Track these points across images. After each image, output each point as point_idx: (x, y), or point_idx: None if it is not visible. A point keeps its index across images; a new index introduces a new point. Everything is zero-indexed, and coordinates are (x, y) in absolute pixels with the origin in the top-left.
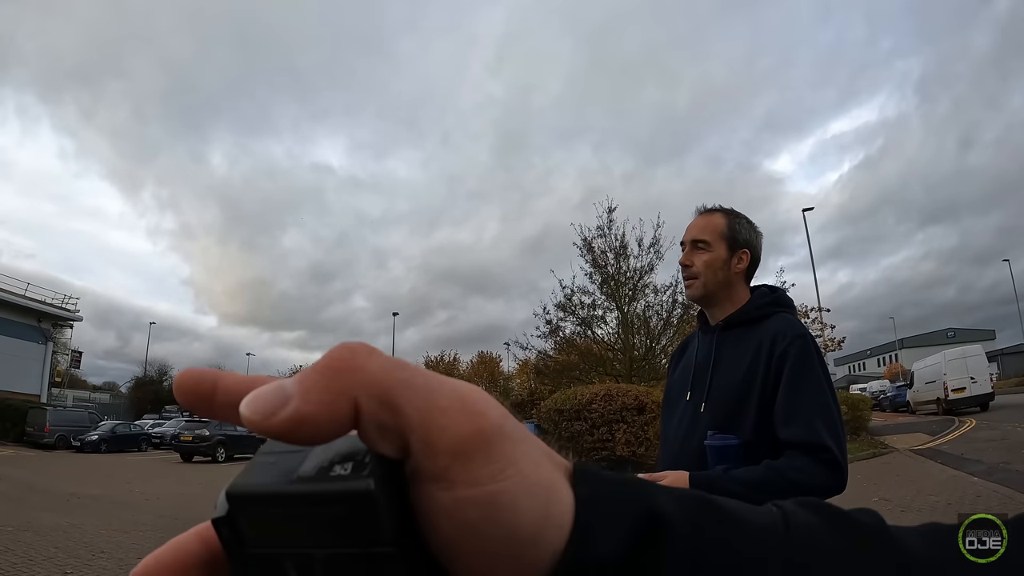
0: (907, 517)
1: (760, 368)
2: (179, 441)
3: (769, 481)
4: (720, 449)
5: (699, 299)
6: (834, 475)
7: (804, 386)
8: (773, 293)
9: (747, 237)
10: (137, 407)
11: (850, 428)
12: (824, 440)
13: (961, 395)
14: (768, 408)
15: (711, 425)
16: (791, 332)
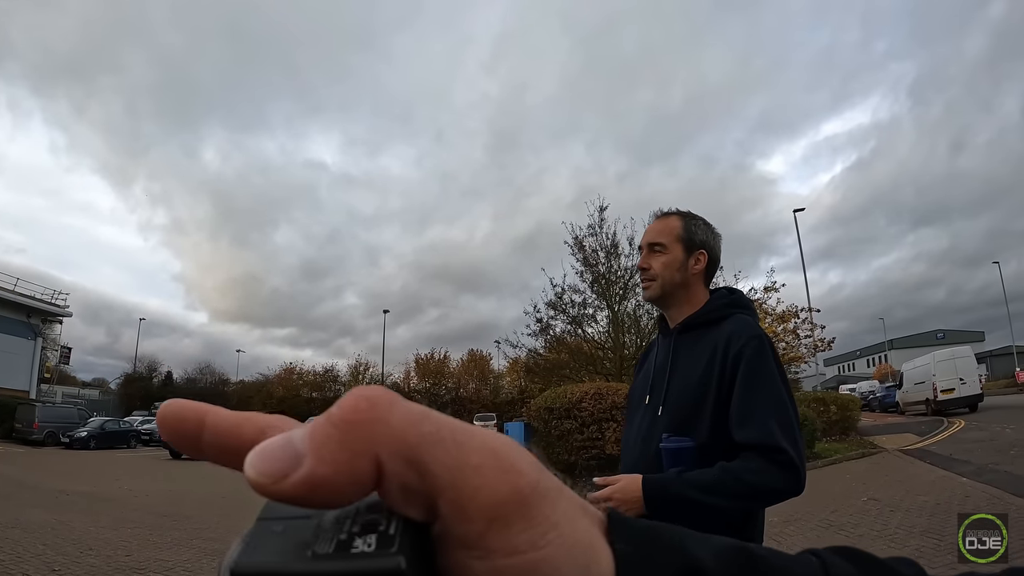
0: (896, 517)
1: (715, 370)
2: None
3: (723, 483)
4: (675, 452)
5: (656, 300)
6: (790, 477)
7: (759, 387)
8: (731, 295)
9: (704, 238)
10: (126, 404)
11: (839, 428)
12: (779, 442)
13: (950, 396)
14: (724, 410)
15: (668, 428)
16: (746, 333)
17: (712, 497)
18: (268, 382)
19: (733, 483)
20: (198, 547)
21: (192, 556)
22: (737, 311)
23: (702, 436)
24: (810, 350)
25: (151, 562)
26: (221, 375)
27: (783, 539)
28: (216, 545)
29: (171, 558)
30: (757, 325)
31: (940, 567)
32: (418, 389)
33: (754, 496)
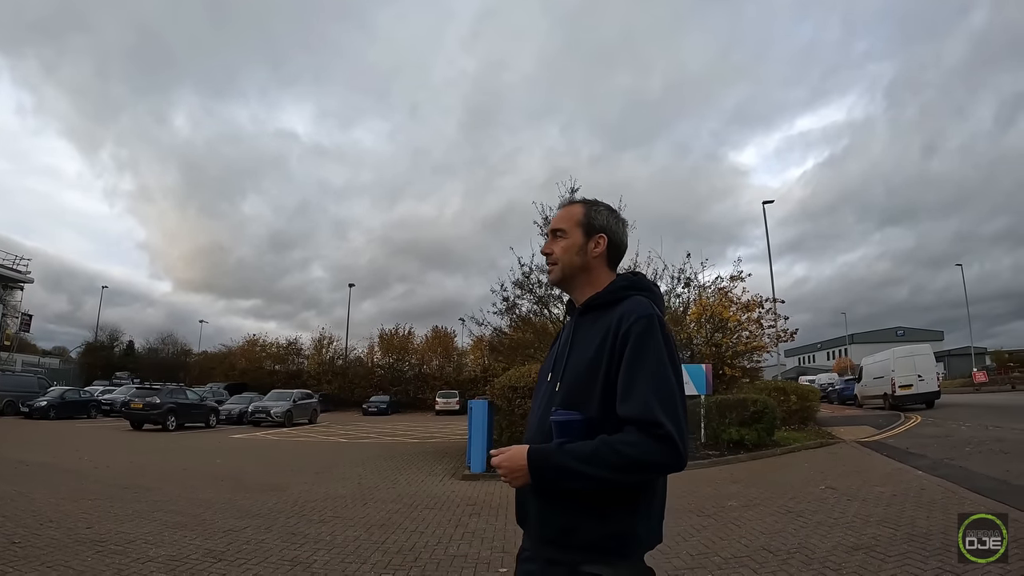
0: (853, 506)
1: (606, 348)
2: (129, 409)
3: (600, 453)
4: (562, 424)
5: (558, 283)
6: (667, 450)
7: (643, 365)
8: (633, 277)
9: (603, 223)
10: (87, 373)
11: (799, 418)
12: (658, 416)
13: (908, 392)
14: (613, 387)
15: (562, 403)
16: (637, 312)
17: (590, 467)
18: (231, 353)
19: (610, 454)
20: (159, 519)
21: (154, 529)
22: (635, 293)
23: (592, 411)
24: (773, 340)
25: (112, 534)
26: (183, 345)
27: (742, 523)
28: (178, 518)
29: (132, 531)
30: (651, 306)
31: (895, 556)
32: (381, 364)
33: (631, 468)
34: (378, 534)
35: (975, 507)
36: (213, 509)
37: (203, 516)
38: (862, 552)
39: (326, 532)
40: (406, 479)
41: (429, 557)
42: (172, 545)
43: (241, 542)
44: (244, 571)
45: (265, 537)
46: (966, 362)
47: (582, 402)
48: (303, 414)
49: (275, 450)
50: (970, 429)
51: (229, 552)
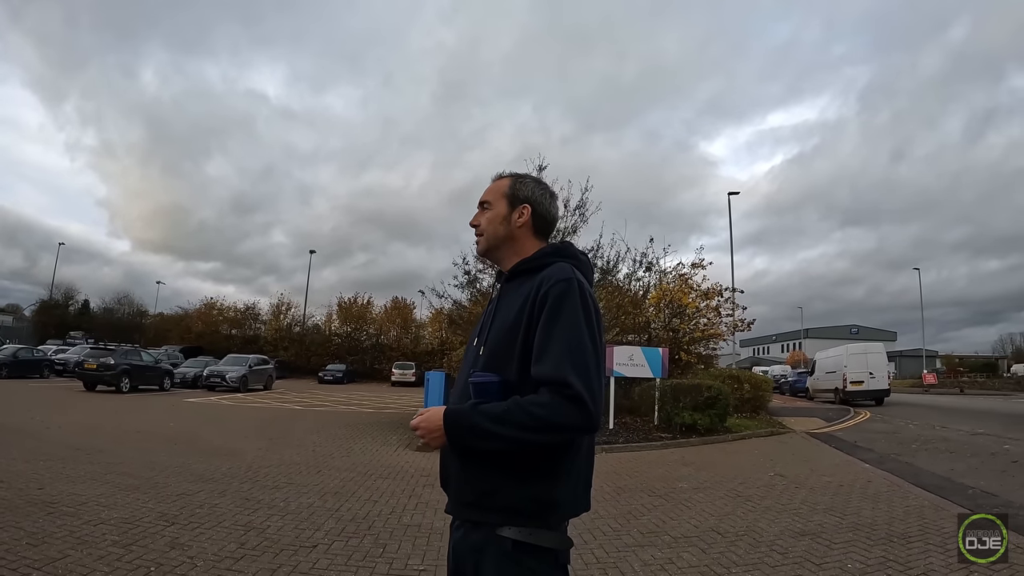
0: (800, 493)
1: (526, 311)
2: (83, 369)
3: (511, 413)
4: (480, 385)
5: (484, 253)
6: (577, 411)
7: (558, 327)
8: (560, 246)
9: (528, 194)
10: (41, 332)
11: (751, 406)
12: (567, 377)
13: (859, 388)
14: (531, 349)
15: (484, 366)
16: (556, 276)
17: (502, 427)
18: (187, 316)
19: (520, 413)
20: (112, 482)
21: (106, 491)
22: (559, 259)
23: (511, 374)
24: (730, 328)
25: (64, 495)
26: (140, 306)
27: (692, 505)
28: (131, 480)
29: (85, 492)
30: (572, 270)
31: (841, 544)
32: (339, 333)
33: (541, 428)
34: (332, 501)
35: (919, 501)
36: (167, 472)
37: (156, 479)
38: (808, 538)
39: (280, 498)
40: (360, 448)
41: (383, 526)
42: (124, 508)
43: (194, 506)
44: (197, 535)
45: (219, 502)
46: (917, 363)
47: (503, 365)
48: (259, 380)
49: (229, 415)
50: (918, 428)
51: (182, 516)
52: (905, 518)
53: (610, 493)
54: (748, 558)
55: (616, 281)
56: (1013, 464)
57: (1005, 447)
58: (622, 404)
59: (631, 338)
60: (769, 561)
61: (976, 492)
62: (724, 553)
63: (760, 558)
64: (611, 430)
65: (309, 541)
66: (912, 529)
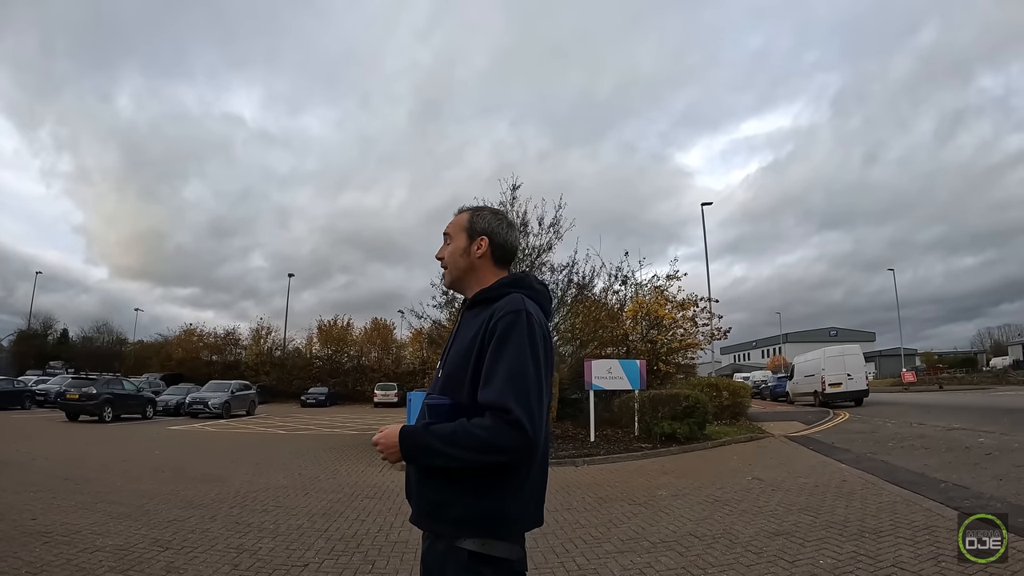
0: (777, 495)
1: (478, 339)
2: (65, 399)
3: (457, 434)
4: (433, 407)
5: (450, 285)
6: (517, 435)
7: (503, 356)
8: (518, 276)
9: (484, 226)
10: (20, 362)
11: (730, 413)
12: (508, 403)
13: (837, 390)
14: (480, 375)
15: (441, 389)
16: (506, 308)
17: (448, 447)
18: (167, 343)
19: (465, 435)
20: (103, 511)
21: (98, 519)
22: (514, 290)
23: (464, 397)
24: (707, 338)
25: (58, 525)
26: (119, 334)
27: (671, 511)
28: (122, 509)
29: (77, 521)
30: (523, 301)
31: (814, 541)
32: (320, 356)
33: (484, 449)
34: (321, 522)
35: (892, 498)
36: (156, 500)
37: (146, 507)
38: (783, 537)
39: (269, 521)
40: (346, 469)
41: (371, 544)
42: (118, 535)
43: (186, 531)
44: (191, 559)
45: (210, 526)
46: (897, 362)
47: (456, 388)
48: (241, 405)
49: (214, 441)
50: (895, 426)
51: (175, 541)
52: (877, 514)
53: (591, 503)
54: (724, 559)
55: (593, 296)
56: (986, 457)
57: (980, 440)
58: (602, 416)
59: (609, 351)
60: (744, 561)
61: (948, 486)
62: (701, 555)
63: (735, 558)
64: (592, 443)
65: (300, 561)
66: (884, 524)
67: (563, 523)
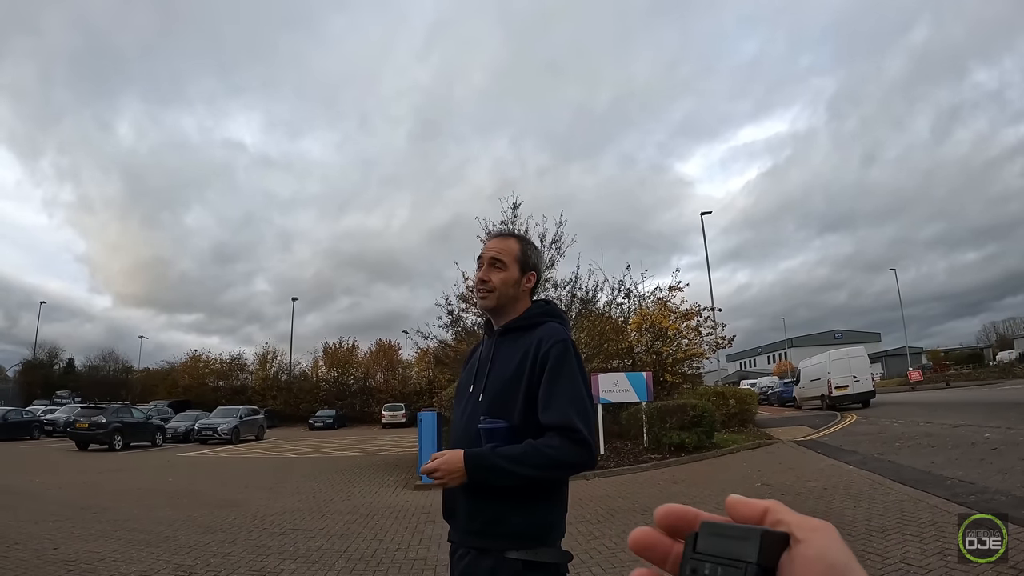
0: (786, 499)
1: (527, 365)
2: (74, 428)
3: (527, 455)
4: (490, 431)
5: (491, 310)
6: (583, 451)
7: (560, 381)
8: (547, 306)
9: (535, 262)
10: (26, 392)
11: (737, 420)
12: (574, 423)
13: (844, 392)
14: (533, 399)
15: (486, 412)
16: (554, 337)
17: (519, 467)
18: (173, 370)
19: (535, 455)
20: (123, 538)
21: (120, 547)
22: (549, 319)
23: (514, 419)
24: (711, 347)
25: (80, 554)
26: (125, 362)
27: None
28: (141, 536)
29: (100, 549)
30: (563, 330)
31: None
32: (326, 378)
33: (553, 466)
34: (339, 543)
35: (899, 496)
36: (174, 526)
37: (165, 533)
38: None
39: (289, 544)
40: (360, 491)
41: (391, 562)
42: (141, 562)
43: (208, 556)
44: None
45: (230, 551)
46: (902, 362)
47: (505, 411)
48: (250, 431)
49: (226, 467)
50: (902, 426)
51: (198, 566)
52: (885, 513)
53: (603, 515)
54: None
55: (597, 310)
56: (992, 452)
57: (985, 436)
58: (611, 429)
59: (615, 364)
60: None
61: (954, 482)
62: None
63: None
64: (602, 455)
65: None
66: (891, 523)
67: (576, 535)
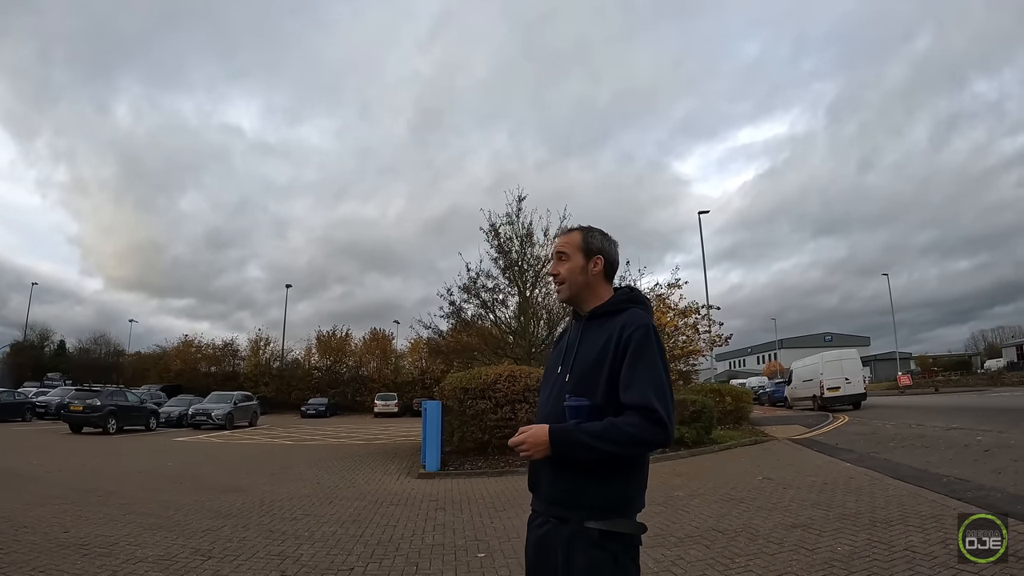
0: (789, 493)
1: (611, 348)
2: (68, 411)
3: (608, 431)
4: (575, 408)
5: (567, 300)
6: (660, 429)
7: (641, 363)
8: (631, 292)
9: (599, 245)
10: (16, 374)
11: (733, 418)
12: (653, 403)
13: (836, 394)
14: (615, 380)
15: (572, 391)
16: (637, 322)
17: (600, 442)
18: (165, 354)
19: (615, 432)
20: (134, 522)
21: (132, 531)
22: (633, 306)
23: (598, 398)
24: (708, 344)
25: (92, 537)
26: (116, 345)
27: (690, 510)
28: (151, 520)
29: (111, 533)
30: (646, 316)
31: (830, 531)
32: (319, 366)
33: (632, 443)
34: (353, 529)
35: (898, 491)
36: (183, 511)
37: (175, 517)
38: (800, 529)
39: (303, 528)
40: (363, 479)
41: (409, 547)
42: (156, 546)
43: (223, 540)
44: (237, 567)
45: (245, 535)
46: (891, 366)
47: (589, 390)
48: (244, 416)
49: (223, 452)
50: (894, 427)
51: (216, 550)
52: (886, 506)
53: None
54: (748, 550)
55: None
56: (985, 453)
57: (977, 439)
58: None
59: None
60: (768, 551)
61: (951, 480)
62: (726, 547)
63: (759, 549)
64: None
65: (344, 565)
66: (893, 515)
67: None
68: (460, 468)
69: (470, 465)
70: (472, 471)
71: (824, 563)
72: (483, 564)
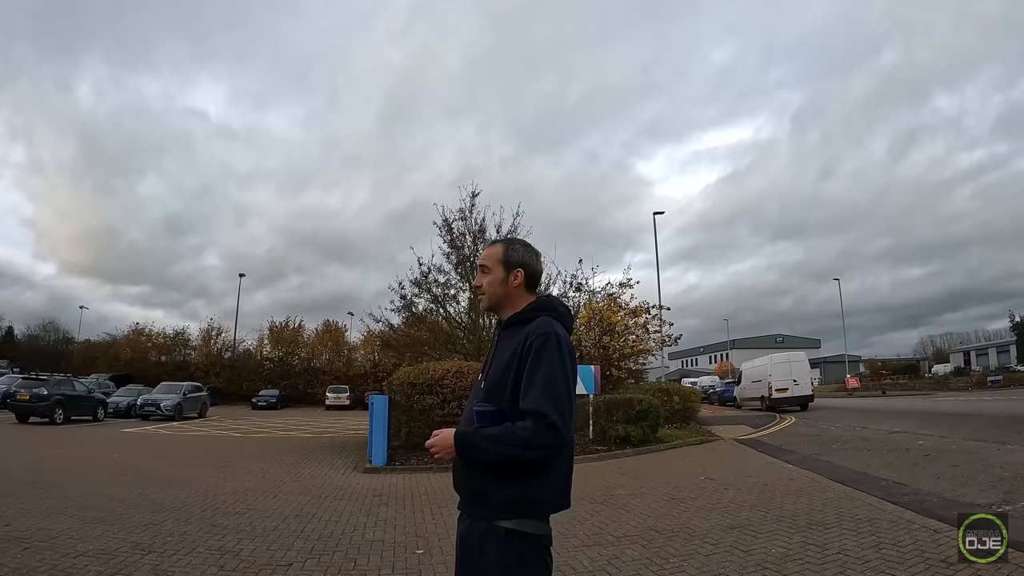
0: (729, 493)
1: (516, 356)
2: (15, 400)
3: (503, 435)
4: (481, 413)
5: (488, 309)
6: (552, 434)
7: (539, 370)
8: (542, 300)
9: (520, 258)
10: None
11: (681, 417)
12: (545, 409)
13: (784, 395)
14: (519, 386)
15: (484, 397)
16: (539, 330)
17: (496, 445)
18: (115, 343)
19: (510, 436)
20: (75, 515)
21: (73, 524)
22: (542, 314)
23: (505, 404)
24: (658, 344)
25: (33, 530)
26: (65, 333)
27: (630, 509)
28: (94, 513)
29: (53, 526)
30: (551, 324)
31: (766, 533)
32: (271, 357)
33: (524, 446)
34: (295, 524)
35: (836, 494)
36: (126, 504)
37: (118, 511)
38: (736, 530)
39: (244, 523)
40: (309, 473)
41: (349, 543)
42: (97, 539)
43: (164, 534)
44: (176, 561)
45: (186, 529)
46: (840, 369)
47: (499, 397)
48: (193, 408)
49: (171, 445)
50: (839, 429)
51: (156, 544)
52: (823, 509)
53: None
54: (684, 550)
55: None
56: (925, 458)
57: (919, 443)
58: None
59: None
60: (703, 552)
61: (889, 484)
62: (662, 547)
63: (694, 549)
64: None
65: (284, 560)
66: (829, 518)
67: None
68: (406, 463)
69: (416, 460)
70: (418, 466)
71: (757, 565)
72: (421, 560)
